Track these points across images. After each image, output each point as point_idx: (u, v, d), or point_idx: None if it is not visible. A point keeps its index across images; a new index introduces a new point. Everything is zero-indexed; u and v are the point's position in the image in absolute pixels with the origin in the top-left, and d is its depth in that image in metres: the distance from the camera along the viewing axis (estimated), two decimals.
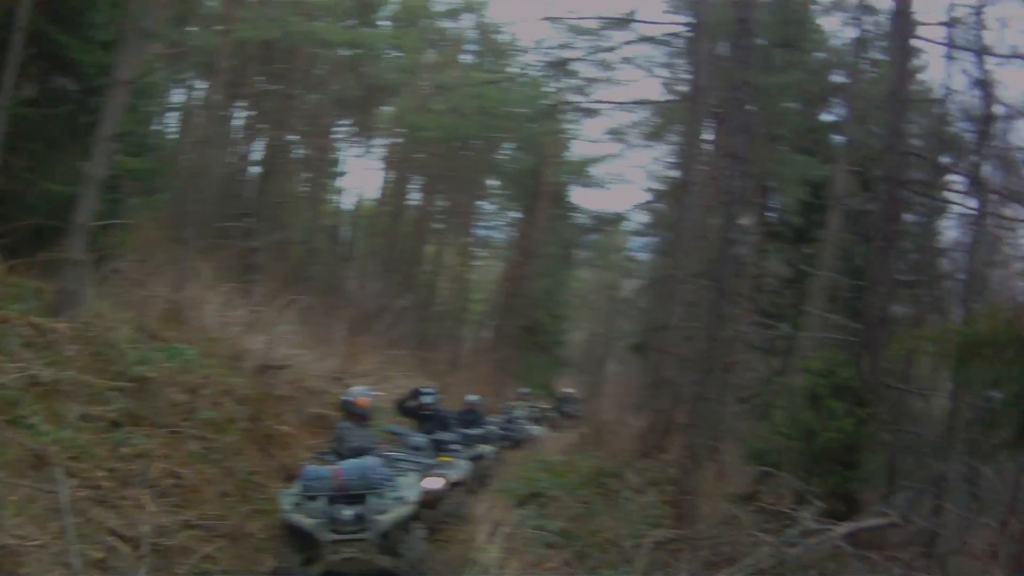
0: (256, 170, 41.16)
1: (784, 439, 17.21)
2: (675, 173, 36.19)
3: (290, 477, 13.82)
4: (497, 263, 60.82)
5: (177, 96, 41.07)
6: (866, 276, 19.97)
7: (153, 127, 29.76)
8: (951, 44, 21.72)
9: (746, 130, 16.36)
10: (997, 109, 21.72)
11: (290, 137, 39.66)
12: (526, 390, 32.96)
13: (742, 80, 16.07)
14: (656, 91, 46.90)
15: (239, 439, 14.17)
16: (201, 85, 39.65)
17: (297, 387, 18.15)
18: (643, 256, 50.56)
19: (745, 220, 34.07)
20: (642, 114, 43.56)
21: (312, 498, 11.22)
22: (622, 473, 18.58)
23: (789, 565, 11.29)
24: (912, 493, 15.41)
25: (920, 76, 36.43)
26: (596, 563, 13.28)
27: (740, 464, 19.83)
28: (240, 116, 42.32)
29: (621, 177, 52.33)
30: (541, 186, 48.23)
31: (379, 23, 42.68)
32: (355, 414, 13.65)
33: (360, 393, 14.11)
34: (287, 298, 22.79)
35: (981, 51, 18.36)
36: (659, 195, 34.77)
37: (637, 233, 49.54)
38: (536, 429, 28.89)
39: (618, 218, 28.13)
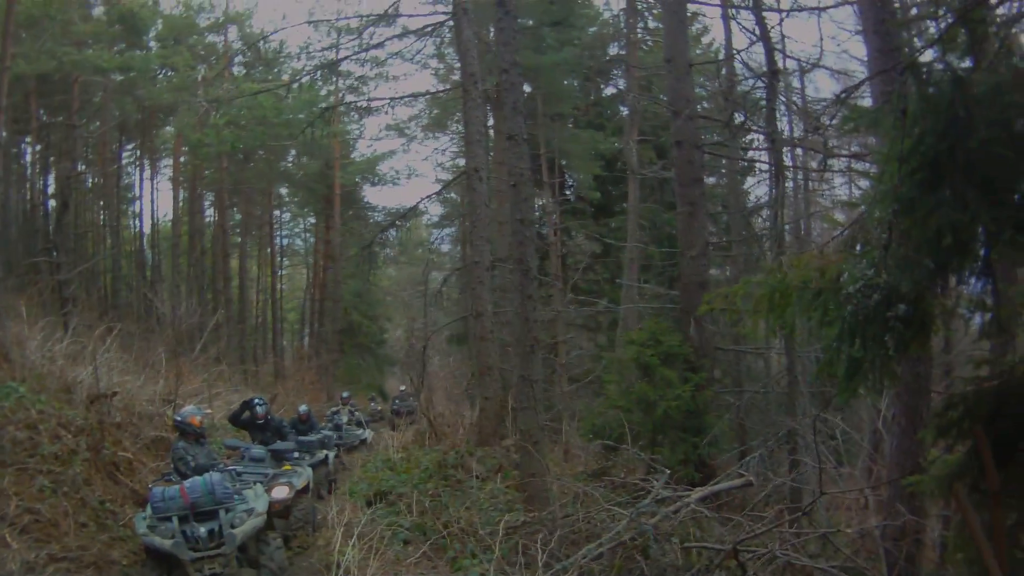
0: (52, 203, 40.38)
1: (622, 412, 17.50)
2: (461, 161, 36.74)
3: (141, 501, 13.72)
4: (303, 270, 60.81)
5: None
6: (677, 243, 20.44)
7: None
8: (727, 4, 22.31)
9: (521, 111, 16.48)
10: (782, 63, 22.38)
11: (79, 167, 38.86)
12: (347, 394, 32.86)
13: (510, 62, 16.11)
14: (431, 83, 47.46)
15: (85, 469, 13.91)
16: None
17: (130, 413, 17.87)
18: (445, 247, 51.22)
19: (541, 200, 34.56)
20: (420, 107, 44.18)
21: (165, 519, 11.11)
22: (465, 463, 18.59)
23: (649, 535, 11.44)
24: (765, 451, 15.62)
25: (705, 39, 37.47)
26: (456, 553, 13.29)
27: (585, 443, 20.13)
28: (28, 152, 41.71)
29: (412, 171, 52.71)
30: (332, 189, 48.39)
31: (149, 45, 42.10)
32: (190, 433, 13.61)
33: (192, 412, 14.07)
34: (104, 326, 22.51)
35: (759, 7, 18.84)
36: (450, 184, 35.01)
37: (435, 225, 50.17)
38: (364, 433, 28.79)
39: (414, 212, 28.07)
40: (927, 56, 6.89)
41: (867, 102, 12.34)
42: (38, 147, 41.70)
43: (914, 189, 6.19)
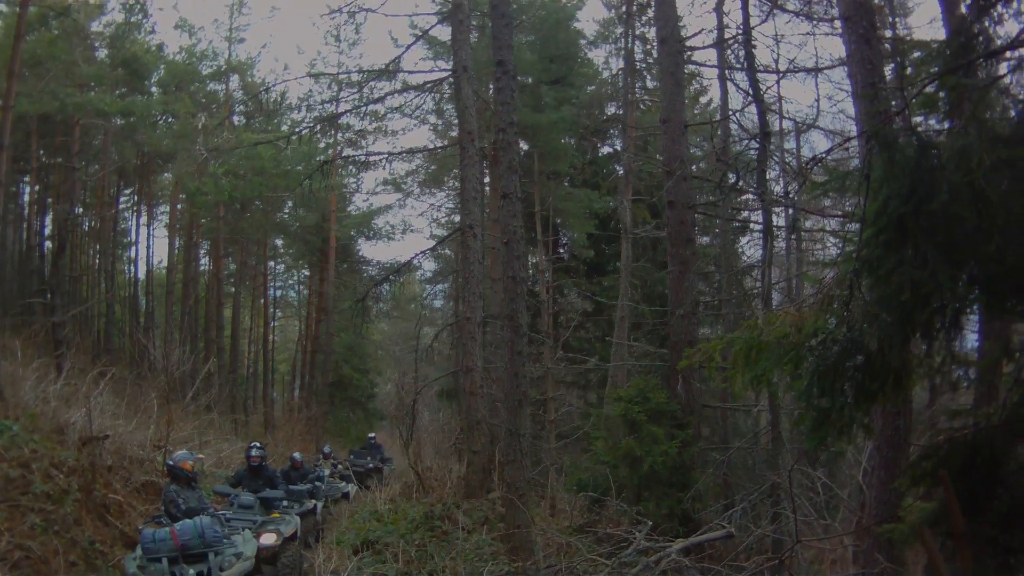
0: (49, 245, 40.40)
1: (609, 468, 17.67)
2: (456, 217, 36.86)
3: (130, 543, 13.89)
4: (296, 322, 60.73)
5: None
6: (668, 302, 20.63)
7: None
8: (723, 66, 22.61)
9: (517, 170, 16.69)
10: (776, 124, 22.62)
11: (77, 209, 38.99)
12: (328, 449, 32.54)
13: (508, 122, 16.38)
14: (429, 139, 47.68)
15: (76, 509, 14.07)
16: None
17: (121, 456, 18.02)
18: (438, 302, 51.30)
19: (534, 258, 34.72)
20: (417, 162, 44.35)
21: (155, 560, 11.25)
22: (451, 515, 18.73)
23: None
24: (747, 505, 15.83)
25: (702, 99, 37.74)
26: None
27: (572, 498, 20.24)
28: (27, 192, 41.84)
29: (407, 226, 52.77)
30: (327, 242, 48.43)
31: (151, 90, 42.33)
32: (182, 477, 13.78)
33: (184, 457, 14.25)
34: (97, 370, 22.64)
35: (752, 69, 19.12)
36: (444, 241, 35.11)
37: (429, 280, 50.23)
38: (347, 486, 28.64)
39: (408, 267, 28.17)
40: (910, 118, 7.18)
41: (858, 163, 12.68)
42: (36, 187, 41.78)
43: (878, 249, 6.44)
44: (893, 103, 9.91)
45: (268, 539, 14.48)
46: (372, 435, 38.20)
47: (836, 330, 6.92)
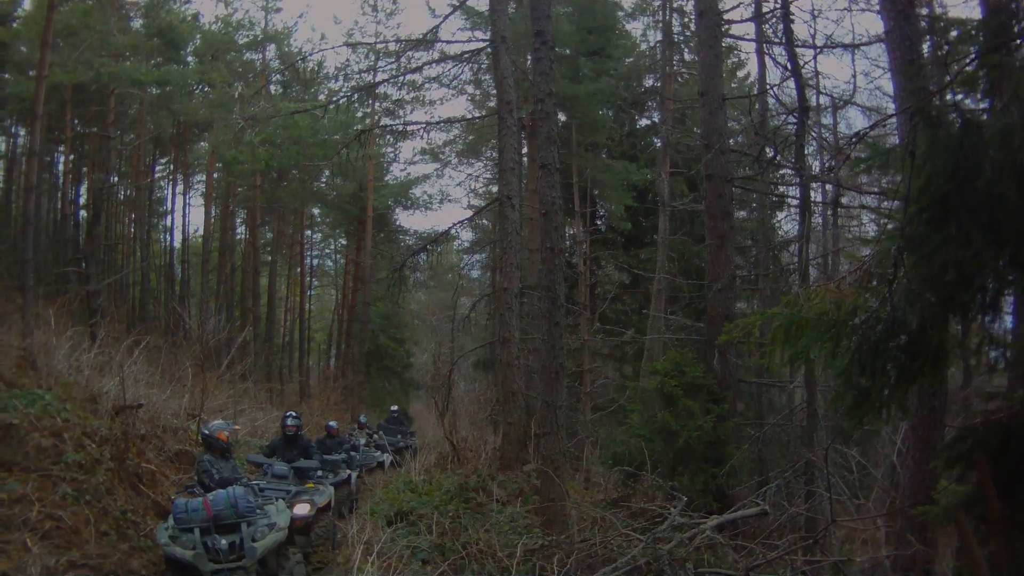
0: (84, 214, 40.52)
1: (644, 441, 17.55)
2: (494, 188, 36.68)
3: (163, 513, 13.85)
4: (332, 291, 60.76)
5: None
6: (705, 275, 20.46)
7: None
8: (761, 39, 22.35)
9: (555, 141, 16.53)
10: (813, 100, 22.36)
11: (112, 178, 39.04)
12: (364, 418, 32.29)
13: (546, 92, 16.20)
14: (467, 109, 47.47)
15: (108, 479, 14.00)
16: (21, 132, 39.08)
17: (155, 425, 18.03)
18: (475, 273, 51.17)
19: (571, 230, 34.54)
20: (455, 132, 44.10)
21: (187, 530, 11.17)
22: (486, 487, 18.66)
23: (664, 560, 11.52)
24: (782, 482, 15.73)
25: (740, 73, 37.44)
26: (473, 574, 13.37)
27: (607, 471, 20.13)
28: (62, 161, 41.96)
29: (445, 196, 52.73)
30: (365, 211, 48.29)
31: (186, 60, 42.33)
32: (216, 448, 13.68)
33: (220, 427, 14.13)
34: (131, 339, 22.66)
35: (791, 44, 18.88)
36: (482, 211, 34.91)
37: (466, 250, 50.09)
38: (383, 456, 28.46)
39: (446, 237, 28.05)
40: (949, 96, 7.03)
41: (896, 139, 12.49)
42: (71, 157, 41.89)
43: (922, 227, 6.31)
44: (932, 80, 9.75)
45: (302, 509, 14.48)
46: (395, 408, 36.92)
47: (880, 309, 6.79)
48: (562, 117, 34.27)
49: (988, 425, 7.38)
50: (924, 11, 16.90)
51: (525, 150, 33.16)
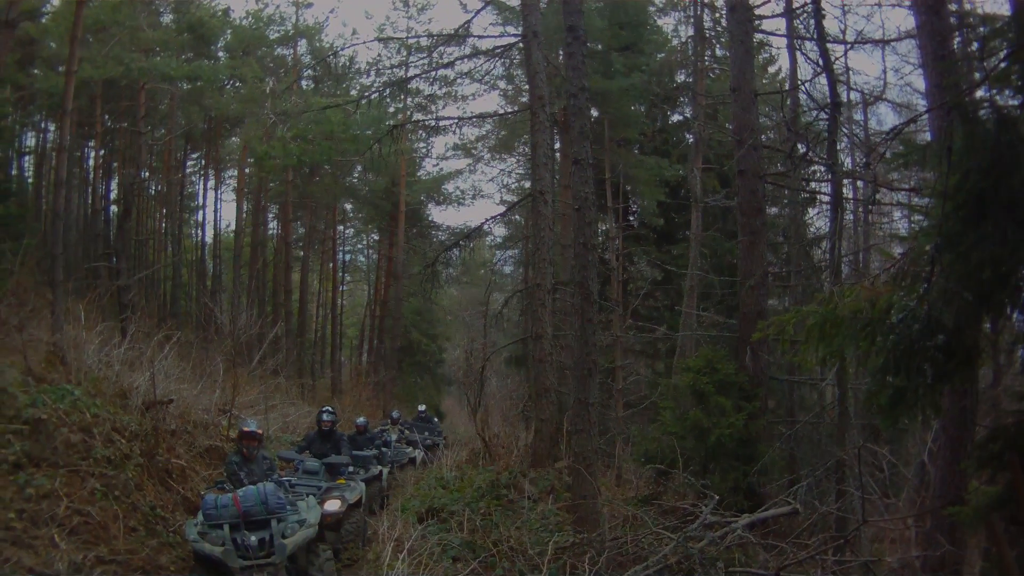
0: (114, 209, 40.66)
1: (676, 439, 17.43)
2: (527, 183, 36.60)
3: (192, 509, 13.88)
4: (365, 287, 60.83)
5: (29, 140, 40.88)
6: (737, 272, 20.35)
7: (10, 172, 29.43)
8: (792, 35, 22.20)
9: (588, 136, 16.42)
10: (846, 95, 22.18)
11: (143, 173, 39.17)
12: (397, 414, 32.26)
13: (579, 87, 16.07)
14: (499, 104, 47.39)
15: (137, 474, 14.02)
16: (51, 127, 39.23)
17: (185, 421, 18.02)
18: (508, 268, 51.14)
19: (604, 225, 34.45)
20: (488, 127, 44.05)
21: (217, 526, 11.16)
22: (518, 484, 18.54)
23: (695, 559, 11.45)
24: (813, 481, 15.62)
25: (771, 69, 37.29)
26: (504, 572, 13.30)
27: (638, 469, 20.03)
28: (92, 156, 42.14)
29: (477, 191, 52.72)
30: (397, 207, 48.32)
31: (217, 55, 42.46)
32: (248, 443, 13.68)
33: (252, 423, 14.15)
34: (162, 334, 22.66)
35: (822, 39, 18.73)
36: (515, 206, 34.83)
37: (499, 246, 50.07)
38: (414, 452, 28.41)
39: (479, 233, 28.01)
40: (980, 93, 6.93)
41: (927, 136, 12.40)
42: (101, 152, 42.16)
43: (958, 224, 6.22)
44: (964, 77, 9.64)
45: (332, 506, 14.47)
46: (422, 407, 36.67)
47: (917, 308, 6.70)
48: (594, 112, 34.19)
49: (1020, 425, 7.29)
50: (954, 6, 16.77)
51: (558, 145, 33.10)
